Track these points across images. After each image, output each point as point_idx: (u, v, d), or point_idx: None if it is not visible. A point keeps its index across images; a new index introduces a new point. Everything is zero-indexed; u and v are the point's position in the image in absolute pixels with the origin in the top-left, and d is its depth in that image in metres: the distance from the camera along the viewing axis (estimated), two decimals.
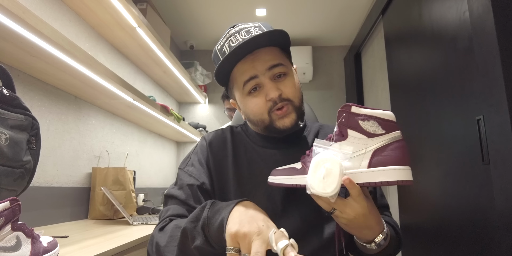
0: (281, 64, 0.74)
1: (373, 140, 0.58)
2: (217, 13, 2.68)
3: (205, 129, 2.97)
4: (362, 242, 0.67)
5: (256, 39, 0.71)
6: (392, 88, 2.08)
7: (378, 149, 0.57)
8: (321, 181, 0.56)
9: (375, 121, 0.58)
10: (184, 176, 0.80)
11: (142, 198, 2.11)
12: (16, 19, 0.91)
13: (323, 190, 0.56)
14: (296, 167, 0.64)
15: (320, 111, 3.12)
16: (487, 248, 1.13)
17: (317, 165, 0.57)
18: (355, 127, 0.58)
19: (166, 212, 0.76)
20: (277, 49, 0.77)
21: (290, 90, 0.74)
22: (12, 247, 0.60)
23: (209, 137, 0.86)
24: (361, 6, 2.57)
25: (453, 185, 1.34)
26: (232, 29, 0.78)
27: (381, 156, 0.56)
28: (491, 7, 1.07)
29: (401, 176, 0.55)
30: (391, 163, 0.56)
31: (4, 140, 0.66)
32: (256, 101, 0.75)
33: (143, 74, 2.41)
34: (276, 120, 0.74)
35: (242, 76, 0.75)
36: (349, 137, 0.59)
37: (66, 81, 1.39)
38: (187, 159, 0.84)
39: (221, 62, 0.73)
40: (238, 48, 0.71)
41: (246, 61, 0.74)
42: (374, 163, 0.56)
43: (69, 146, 1.54)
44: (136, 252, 1.10)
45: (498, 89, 1.03)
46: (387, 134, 0.58)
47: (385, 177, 0.55)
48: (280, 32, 0.72)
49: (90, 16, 1.64)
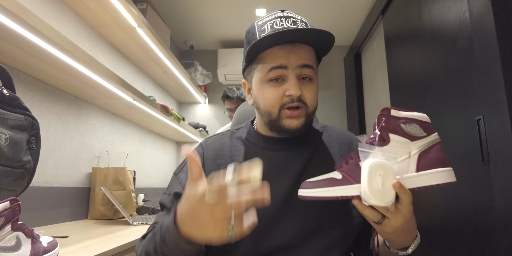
0: (312, 67, 0.73)
1: (416, 143, 0.57)
2: (217, 13, 2.68)
3: (205, 129, 2.97)
4: (396, 249, 0.65)
5: (306, 32, 0.70)
6: (392, 88, 2.08)
7: (423, 152, 0.56)
8: (379, 190, 0.53)
9: (417, 124, 0.57)
10: (175, 182, 0.79)
11: (142, 198, 2.11)
12: (16, 19, 0.91)
13: (383, 200, 0.53)
14: (336, 178, 0.59)
15: (320, 111, 3.11)
16: (487, 248, 1.13)
17: (371, 173, 0.54)
18: (397, 130, 0.57)
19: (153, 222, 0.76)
20: (314, 53, 0.76)
21: (311, 96, 0.73)
22: (12, 247, 0.60)
23: (206, 143, 0.84)
24: (361, 6, 2.57)
25: (453, 185, 1.34)
26: (281, 13, 0.75)
27: (427, 159, 0.56)
28: (491, 7, 1.07)
29: (448, 178, 0.56)
30: (437, 165, 0.56)
31: (4, 140, 0.66)
32: (273, 92, 0.72)
33: (143, 74, 2.41)
34: (284, 118, 0.72)
35: (272, 61, 0.72)
36: (391, 141, 0.57)
37: (66, 81, 1.39)
38: (182, 164, 0.83)
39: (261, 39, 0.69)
40: (287, 32, 0.68)
41: (283, 48, 0.71)
42: (421, 167, 0.56)
43: (69, 146, 1.54)
44: None
45: (498, 89, 1.03)
46: (428, 136, 0.57)
47: (435, 180, 0.55)
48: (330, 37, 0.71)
49: (90, 16, 1.64)
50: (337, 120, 3.16)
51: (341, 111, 3.18)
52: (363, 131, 2.76)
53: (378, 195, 0.53)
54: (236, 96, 2.32)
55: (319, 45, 0.75)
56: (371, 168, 0.54)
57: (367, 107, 2.76)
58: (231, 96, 2.34)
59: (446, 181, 0.55)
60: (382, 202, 0.53)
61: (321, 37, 0.71)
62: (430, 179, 0.55)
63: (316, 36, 0.71)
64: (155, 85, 2.65)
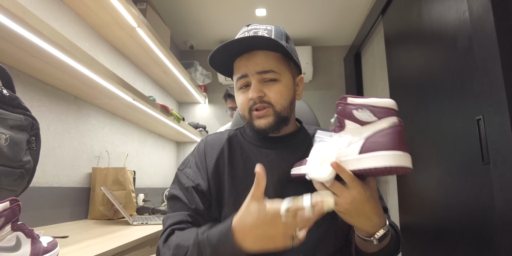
0: (271, 71, 0.77)
1: (366, 128, 0.59)
2: (217, 13, 2.68)
3: (205, 129, 2.97)
4: (363, 236, 0.68)
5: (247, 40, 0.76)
6: (392, 88, 2.08)
7: (369, 136, 0.58)
8: (318, 167, 0.60)
9: (367, 109, 0.59)
10: (182, 177, 0.84)
11: (142, 198, 2.12)
12: (16, 19, 0.91)
13: (318, 175, 0.60)
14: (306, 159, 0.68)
15: (320, 111, 3.12)
16: (487, 248, 1.13)
17: (315, 153, 0.62)
18: (350, 116, 0.61)
19: (167, 220, 0.78)
20: (276, 54, 0.79)
21: (274, 95, 0.78)
22: (12, 247, 0.60)
23: (207, 140, 0.90)
24: (361, 6, 2.57)
25: (453, 185, 1.34)
26: (246, 28, 0.83)
27: (372, 142, 0.57)
28: (491, 7, 1.07)
29: (391, 161, 0.54)
30: (382, 148, 0.56)
31: (4, 140, 0.66)
32: (242, 98, 0.80)
33: (143, 74, 2.41)
34: (254, 119, 0.80)
35: (237, 72, 0.81)
36: (346, 127, 0.62)
37: (66, 81, 1.39)
38: (186, 161, 0.88)
39: (213, 52, 0.78)
40: (229, 43, 0.75)
41: (242, 58, 0.80)
42: (364, 150, 0.58)
43: (69, 146, 1.54)
44: (136, 252, 1.10)
45: (498, 89, 1.03)
46: (379, 120, 0.58)
47: (374, 163, 0.55)
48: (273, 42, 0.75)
49: (90, 16, 1.64)
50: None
51: None
52: None
53: (315, 171, 0.61)
54: None
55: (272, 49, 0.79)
56: (316, 149, 0.63)
57: None
58: (233, 95, 2.33)
59: (387, 164, 0.54)
60: (317, 177, 0.60)
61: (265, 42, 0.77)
62: (369, 161, 0.56)
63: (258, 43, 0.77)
64: (155, 85, 2.65)
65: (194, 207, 0.78)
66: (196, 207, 0.78)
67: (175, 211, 0.79)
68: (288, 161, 0.80)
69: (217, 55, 0.79)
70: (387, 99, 0.59)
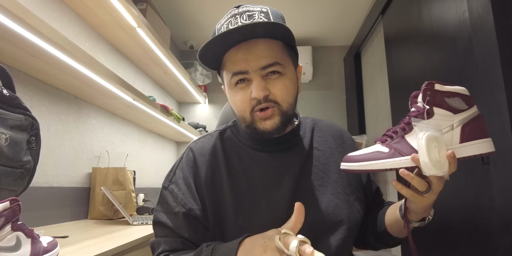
0: (276, 63, 0.67)
1: (459, 116, 0.59)
2: (217, 13, 2.68)
3: (205, 129, 2.97)
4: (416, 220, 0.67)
5: (251, 28, 0.63)
6: (392, 88, 2.08)
7: (465, 124, 0.59)
8: (438, 161, 0.55)
9: (459, 97, 0.59)
10: (169, 198, 0.72)
11: (142, 198, 2.11)
12: (16, 19, 0.91)
13: (441, 170, 0.55)
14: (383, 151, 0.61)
15: (320, 111, 3.12)
16: (487, 248, 1.13)
17: (429, 146, 0.56)
18: (441, 104, 0.59)
19: (158, 246, 0.69)
20: (279, 43, 0.69)
21: (280, 92, 0.67)
22: (12, 247, 0.60)
23: (196, 147, 0.76)
24: (361, 6, 2.57)
25: (453, 185, 1.34)
26: (236, 9, 0.70)
27: (469, 130, 0.58)
28: (490, 7, 1.07)
29: (488, 148, 0.58)
30: (479, 136, 0.58)
31: (4, 140, 0.66)
32: (241, 96, 0.68)
33: (143, 74, 2.41)
34: (257, 120, 0.69)
35: (232, 66, 0.68)
36: (435, 114, 0.59)
37: (66, 81, 1.39)
38: (170, 174, 0.75)
39: (207, 43, 0.64)
40: (228, 33, 0.62)
41: (239, 50, 0.67)
42: (465, 138, 0.58)
43: (69, 146, 1.54)
44: (136, 252, 1.10)
45: (498, 89, 1.03)
46: (469, 109, 0.59)
47: (477, 150, 0.58)
48: (281, 27, 0.64)
49: (90, 16, 1.64)
50: (337, 120, 3.16)
51: (341, 111, 3.18)
52: (363, 131, 2.76)
53: (437, 166, 0.55)
54: None
55: (277, 35, 0.68)
56: (428, 140, 0.56)
57: (367, 107, 2.76)
58: None
59: (487, 151, 0.58)
60: (441, 171, 0.55)
61: (273, 28, 0.65)
62: (473, 149, 0.58)
63: (265, 30, 0.65)
64: (155, 85, 2.65)
65: (187, 236, 0.68)
66: (189, 235, 0.68)
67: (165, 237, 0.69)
68: (295, 165, 0.72)
69: (210, 47, 0.65)
70: (465, 88, 0.61)
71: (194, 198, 0.70)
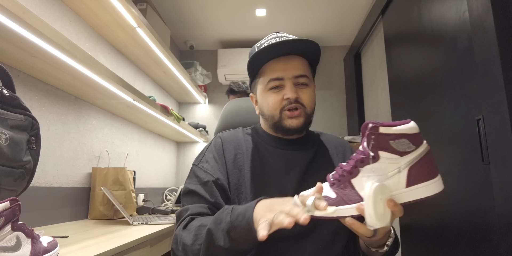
0: (306, 76, 0.84)
1: (406, 158, 0.56)
2: (217, 13, 2.68)
3: (205, 129, 2.97)
4: (374, 248, 0.72)
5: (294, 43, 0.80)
6: (392, 88, 2.08)
7: (413, 166, 0.57)
8: (382, 214, 0.55)
9: (406, 138, 0.55)
10: (199, 172, 0.85)
11: (142, 198, 2.12)
12: (16, 19, 0.91)
13: (385, 222, 0.55)
14: (330, 197, 0.60)
15: (320, 111, 3.12)
16: (487, 248, 1.13)
17: (376, 200, 0.55)
18: (387, 147, 0.56)
19: (185, 211, 0.79)
20: (307, 62, 0.86)
21: (307, 98, 0.83)
22: (12, 247, 0.60)
23: (223, 135, 0.92)
24: (361, 6, 2.57)
25: (453, 185, 1.34)
26: (275, 34, 0.88)
27: (416, 173, 0.56)
28: (490, 7, 1.07)
29: (436, 189, 0.57)
30: (426, 178, 0.57)
31: (4, 140, 0.66)
32: (274, 97, 0.83)
33: (143, 74, 2.41)
34: (285, 118, 0.83)
35: (271, 73, 0.83)
36: (381, 158, 0.57)
37: (66, 81, 1.39)
38: (201, 156, 0.89)
39: (257, 53, 0.82)
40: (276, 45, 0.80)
41: (279, 61, 0.83)
42: (411, 181, 0.57)
43: (69, 146, 1.54)
44: (136, 252, 1.10)
45: (498, 89, 1.03)
46: (417, 149, 0.57)
47: (424, 193, 0.56)
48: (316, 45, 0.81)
49: (90, 16, 1.64)
50: (337, 120, 3.16)
51: (341, 111, 3.18)
52: None
53: (381, 219, 0.55)
54: (241, 90, 2.29)
55: (309, 55, 0.86)
56: (375, 192, 0.55)
57: (367, 107, 2.76)
58: (236, 90, 2.30)
59: (433, 192, 0.57)
60: (384, 223, 0.55)
61: (309, 46, 0.82)
62: (419, 193, 0.57)
63: (304, 46, 0.82)
64: (155, 85, 2.65)
65: (214, 200, 0.79)
66: (215, 200, 0.79)
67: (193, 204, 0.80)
68: (303, 161, 0.85)
69: (256, 56, 0.82)
70: (413, 123, 0.56)
71: (221, 172, 0.83)
